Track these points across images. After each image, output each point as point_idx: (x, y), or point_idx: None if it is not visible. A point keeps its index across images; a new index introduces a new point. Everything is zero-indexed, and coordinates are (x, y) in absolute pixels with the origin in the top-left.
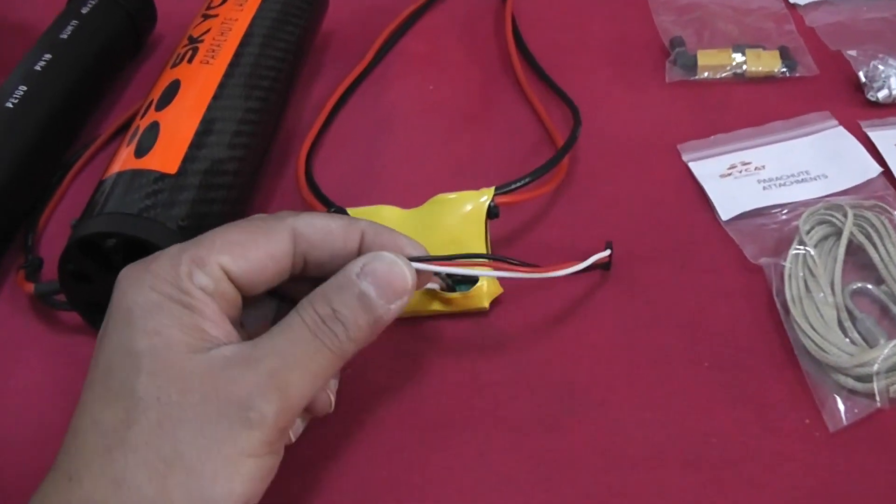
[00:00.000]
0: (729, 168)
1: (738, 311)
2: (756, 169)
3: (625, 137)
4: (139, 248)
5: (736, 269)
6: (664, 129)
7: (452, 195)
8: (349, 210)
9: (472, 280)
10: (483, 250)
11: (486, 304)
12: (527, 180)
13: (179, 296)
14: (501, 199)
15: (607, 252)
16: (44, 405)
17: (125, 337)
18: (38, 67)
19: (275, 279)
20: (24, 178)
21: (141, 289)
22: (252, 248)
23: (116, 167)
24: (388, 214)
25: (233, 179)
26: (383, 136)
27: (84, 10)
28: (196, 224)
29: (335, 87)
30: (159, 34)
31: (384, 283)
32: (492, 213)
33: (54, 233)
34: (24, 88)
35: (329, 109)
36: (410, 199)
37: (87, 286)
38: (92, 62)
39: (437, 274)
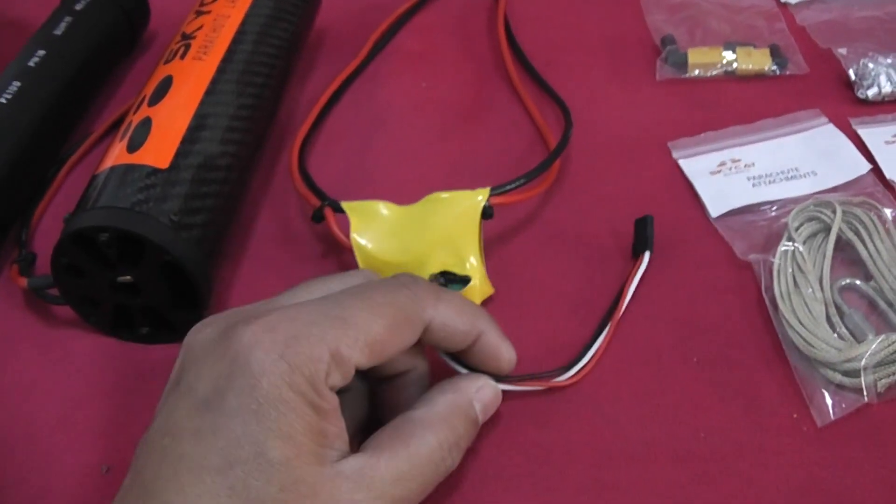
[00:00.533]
0: (719, 165)
1: (728, 307)
2: (746, 166)
3: (616, 135)
4: (132, 242)
5: (725, 265)
6: (655, 126)
7: (447, 194)
8: (343, 204)
9: (465, 280)
10: (476, 250)
11: (478, 303)
12: (521, 182)
13: (313, 396)
14: (496, 200)
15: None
16: (37, 399)
17: (256, 434)
18: (31, 64)
19: None
20: (19, 174)
21: (276, 383)
22: (390, 346)
23: (109, 162)
24: (383, 210)
25: (225, 174)
26: (377, 133)
27: (78, 7)
28: (188, 219)
29: (329, 84)
30: (154, 30)
31: (489, 410)
32: (486, 213)
33: (48, 227)
34: (18, 84)
35: (322, 105)
36: (404, 195)
37: (80, 280)
38: (86, 58)
39: (432, 278)
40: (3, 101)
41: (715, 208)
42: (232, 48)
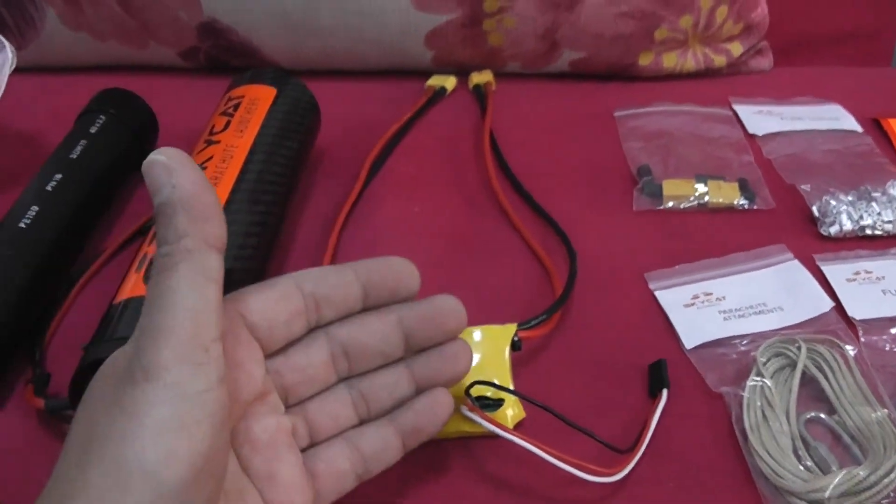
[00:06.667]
0: (692, 298)
1: (701, 436)
2: (717, 300)
3: (596, 263)
4: None
5: (698, 395)
6: (633, 255)
7: (479, 329)
8: None
9: (499, 403)
10: (507, 379)
11: (511, 427)
12: (543, 318)
13: None
14: (524, 334)
15: None
16: None
17: None
18: (49, 188)
19: None
20: (34, 295)
21: None
22: None
23: (126, 293)
24: None
25: None
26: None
27: (92, 130)
28: None
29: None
30: (161, 146)
31: None
32: (515, 346)
33: (60, 345)
34: (36, 209)
35: (337, 233)
36: None
37: None
38: (100, 180)
39: (468, 398)
40: (23, 225)
41: (689, 340)
42: (240, 178)
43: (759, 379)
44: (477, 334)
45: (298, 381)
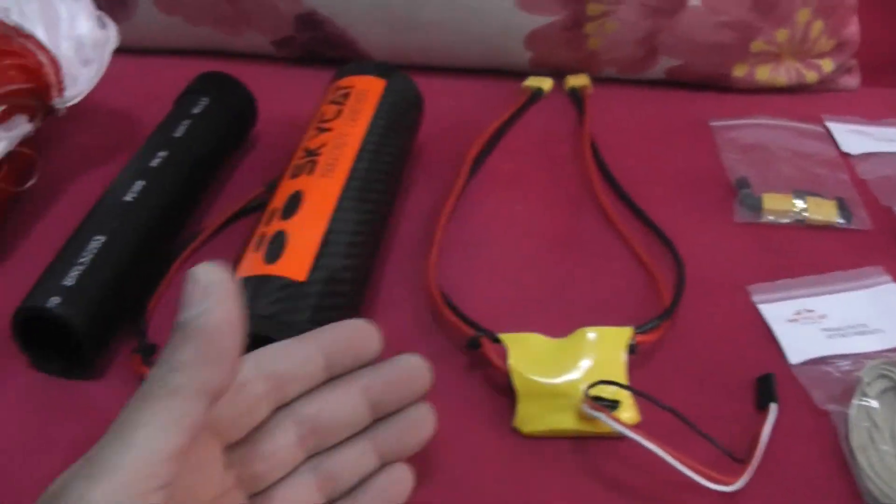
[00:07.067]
0: (795, 314)
1: (807, 451)
2: (820, 317)
3: (697, 271)
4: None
5: (804, 411)
6: (732, 267)
7: (595, 330)
8: (500, 335)
9: (615, 404)
10: (623, 381)
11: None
12: (656, 323)
13: None
14: (641, 338)
15: None
16: None
17: None
18: (154, 164)
19: None
20: (139, 267)
21: None
22: None
23: (245, 270)
24: (535, 342)
25: (349, 288)
26: (476, 257)
27: (195, 111)
28: (316, 327)
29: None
30: (256, 132)
31: None
32: (633, 350)
33: (161, 318)
34: (143, 183)
35: (443, 225)
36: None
37: None
38: (203, 159)
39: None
40: (129, 199)
41: (794, 356)
42: (355, 165)
43: (865, 399)
44: (591, 335)
45: (265, 469)
